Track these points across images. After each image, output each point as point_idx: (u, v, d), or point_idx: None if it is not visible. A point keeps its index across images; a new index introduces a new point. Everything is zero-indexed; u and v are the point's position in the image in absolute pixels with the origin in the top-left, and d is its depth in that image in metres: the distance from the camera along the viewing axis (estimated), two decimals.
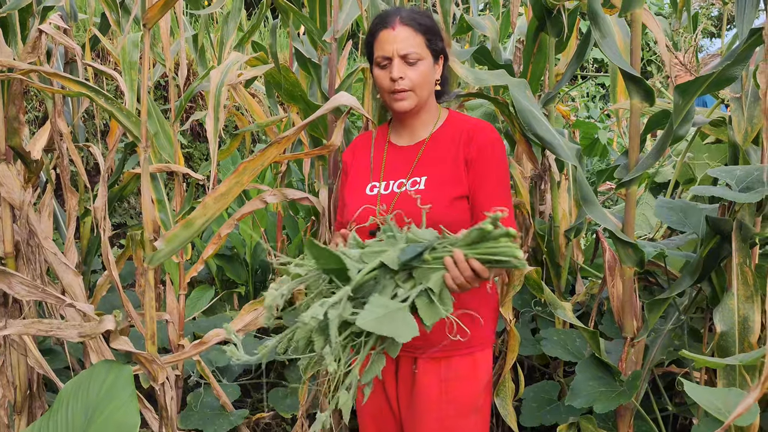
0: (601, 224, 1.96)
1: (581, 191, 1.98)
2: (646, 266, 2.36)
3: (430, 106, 1.87)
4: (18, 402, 1.80)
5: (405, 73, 1.75)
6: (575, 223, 2.48)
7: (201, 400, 2.87)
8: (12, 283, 1.55)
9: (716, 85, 1.84)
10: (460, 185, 1.75)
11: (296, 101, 2.36)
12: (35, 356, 1.75)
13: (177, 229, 1.59)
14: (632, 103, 1.94)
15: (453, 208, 1.73)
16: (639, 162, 1.96)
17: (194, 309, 3.70)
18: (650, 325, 2.00)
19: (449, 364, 1.82)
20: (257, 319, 1.84)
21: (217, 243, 2.57)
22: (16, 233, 1.74)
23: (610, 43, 1.93)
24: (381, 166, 1.88)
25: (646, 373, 2.05)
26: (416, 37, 1.76)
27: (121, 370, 1.40)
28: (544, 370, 2.78)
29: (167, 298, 2.84)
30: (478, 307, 1.87)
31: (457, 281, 1.37)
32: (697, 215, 2.10)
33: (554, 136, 2.03)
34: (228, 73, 2.24)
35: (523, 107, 2.03)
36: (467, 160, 1.76)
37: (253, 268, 4.06)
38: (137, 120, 1.51)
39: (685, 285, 1.98)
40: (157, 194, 2.76)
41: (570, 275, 2.79)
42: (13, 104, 1.61)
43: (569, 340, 2.40)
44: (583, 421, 2.09)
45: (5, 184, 1.67)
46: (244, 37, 2.70)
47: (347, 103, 1.75)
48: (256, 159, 1.59)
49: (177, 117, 2.70)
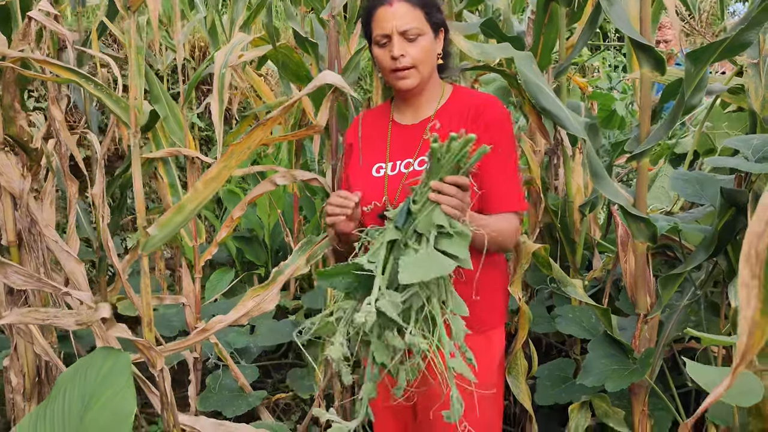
0: (611, 199, 1.91)
1: (591, 166, 1.92)
2: (664, 240, 2.31)
3: (433, 82, 1.82)
4: (27, 389, 1.83)
5: (405, 50, 1.70)
6: (590, 198, 2.42)
7: (220, 382, 2.89)
8: (8, 273, 1.57)
9: (730, 51, 1.75)
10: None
11: (302, 81, 2.34)
12: (41, 344, 1.77)
13: (169, 215, 1.59)
14: (642, 72, 1.87)
15: None
16: (650, 134, 1.89)
17: (214, 291, 3.74)
18: (664, 302, 1.94)
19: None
20: (260, 305, 1.83)
21: (230, 225, 2.58)
22: (18, 222, 1.76)
23: (618, 11, 1.86)
24: (386, 145, 1.85)
25: (660, 350, 2.00)
26: (414, 11, 1.71)
27: (118, 356, 1.41)
28: (561, 348, 2.74)
29: (183, 282, 2.86)
30: (489, 285, 1.84)
31: (452, 204, 1.36)
32: (713, 187, 2.02)
33: (561, 109, 1.97)
34: (232, 54, 2.22)
35: (529, 80, 1.97)
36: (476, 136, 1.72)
37: (273, 249, 4.08)
38: (126, 106, 1.50)
39: (699, 259, 1.92)
40: (169, 178, 2.78)
41: (587, 250, 2.74)
42: (7, 92, 1.61)
43: (584, 317, 2.35)
44: (596, 400, 2.06)
45: (4, 173, 1.69)
46: (249, 17, 2.67)
47: (332, 81, 1.71)
48: (243, 142, 1.57)
49: (186, 100, 2.69)
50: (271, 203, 3.81)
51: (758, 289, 0.59)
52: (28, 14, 1.57)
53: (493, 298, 1.87)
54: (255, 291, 1.92)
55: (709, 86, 2.08)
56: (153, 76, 2.58)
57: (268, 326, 3.19)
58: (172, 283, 3.98)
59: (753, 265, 0.59)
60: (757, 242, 0.60)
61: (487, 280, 1.83)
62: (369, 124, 1.91)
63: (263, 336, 3.13)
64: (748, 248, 0.60)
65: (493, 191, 1.73)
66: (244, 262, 4.15)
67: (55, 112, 1.77)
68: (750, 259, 0.60)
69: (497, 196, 1.74)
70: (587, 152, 1.95)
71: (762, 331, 0.60)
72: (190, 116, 4.41)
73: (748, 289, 0.60)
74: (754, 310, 0.59)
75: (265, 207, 3.88)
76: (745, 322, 0.60)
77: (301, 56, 2.47)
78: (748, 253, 0.60)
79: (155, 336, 1.71)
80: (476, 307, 1.79)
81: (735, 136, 2.25)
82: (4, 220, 1.76)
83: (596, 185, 1.92)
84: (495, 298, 1.88)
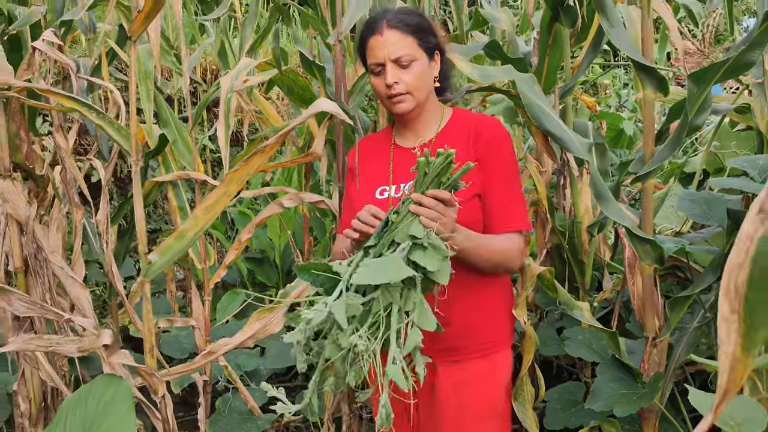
0: (616, 221, 1.89)
1: (595, 187, 1.91)
2: (673, 261, 2.28)
3: (431, 105, 1.83)
4: (33, 414, 1.84)
5: (399, 77, 1.71)
6: (598, 218, 2.40)
7: (229, 405, 2.89)
8: (11, 300, 1.58)
9: (733, 71, 1.74)
10: (472, 185, 1.70)
11: (307, 104, 2.34)
12: (47, 369, 1.79)
13: (170, 241, 1.60)
14: (645, 93, 1.85)
15: (467, 208, 1.69)
16: (654, 154, 1.87)
17: (225, 313, 3.74)
18: (672, 324, 1.91)
19: (466, 367, 1.78)
20: (267, 327, 1.83)
21: (239, 248, 2.58)
22: (25, 248, 1.78)
23: (619, 32, 1.85)
24: (389, 168, 1.85)
25: (670, 374, 1.97)
26: (406, 39, 1.72)
27: (119, 384, 1.41)
28: (572, 370, 2.71)
29: (193, 304, 2.87)
30: (494, 307, 1.82)
31: (430, 216, 1.38)
32: (721, 207, 2.00)
33: (565, 131, 1.96)
34: (238, 78, 2.24)
35: (530, 102, 1.96)
36: (477, 158, 1.72)
37: (284, 270, 4.08)
38: (128, 134, 1.52)
39: (708, 281, 1.89)
40: (178, 201, 2.80)
41: (597, 271, 2.71)
42: (13, 121, 1.64)
43: (594, 340, 2.32)
44: (605, 425, 2.02)
45: (11, 200, 1.71)
46: (256, 42, 2.70)
47: (327, 109, 1.72)
48: (242, 169, 1.58)
49: (195, 124, 2.72)
50: (282, 224, 3.82)
51: (738, 324, 0.58)
52: (33, 44, 1.60)
53: (498, 320, 1.85)
54: (261, 313, 1.92)
55: (716, 105, 2.06)
56: (162, 100, 2.61)
57: (278, 348, 3.19)
58: (184, 304, 3.99)
59: (732, 299, 0.58)
60: (737, 275, 0.58)
61: (491, 301, 1.81)
62: (370, 149, 1.92)
63: (273, 358, 3.13)
64: (728, 281, 0.59)
65: (495, 210, 1.72)
66: (256, 283, 4.15)
67: (60, 140, 1.80)
68: (729, 292, 0.58)
69: (500, 215, 1.73)
70: (592, 173, 1.94)
71: (744, 367, 0.59)
72: (200, 138, 4.45)
73: (728, 323, 0.58)
74: (734, 346, 0.58)
75: (276, 228, 3.89)
76: (725, 359, 0.58)
77: (308, 80, 2.49)
78: (728, 286, 0.58)
79: (160, 360, 1.71)
80: (480, 330, 1.78)
81: (743, 155, 2.23)
82: (10, 246, 1.78)
83: (601, 206, 1.90)
84: (500, 321, 1.86)
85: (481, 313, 1.78)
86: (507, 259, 1.73)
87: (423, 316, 1.34)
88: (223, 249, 4.59)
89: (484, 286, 1.77)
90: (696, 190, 2.38)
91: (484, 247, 1.64)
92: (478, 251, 1.62)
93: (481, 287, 1.77)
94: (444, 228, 1.40)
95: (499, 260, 1.69)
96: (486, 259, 1.66)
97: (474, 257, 1.62)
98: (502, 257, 1.70)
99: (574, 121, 2.48)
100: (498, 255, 1.68)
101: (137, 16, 1.44)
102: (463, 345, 1.76)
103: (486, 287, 1.79)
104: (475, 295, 1.75)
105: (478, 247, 1.61)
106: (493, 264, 1.69)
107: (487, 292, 1.81)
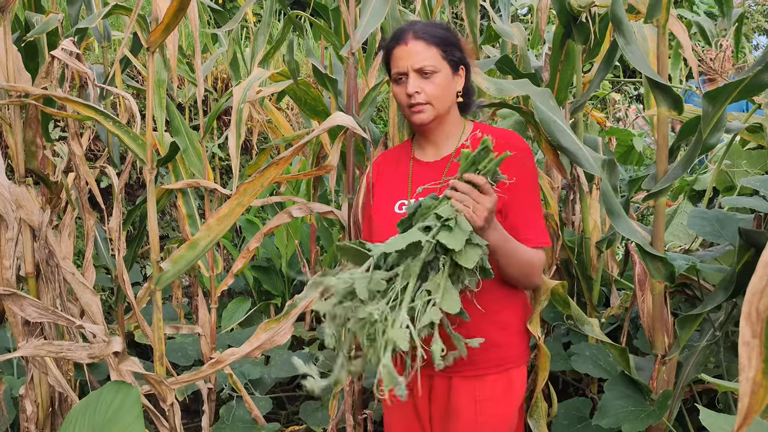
0: (627, 237, 1.89)
1: (607, 203, 1.91)
2: (683, 279, 2.27)
3: (452, 119, 1.82)
4: (40, 419, 1.85)
5: (420, 86, 1.71)
6: (607, 234, 2.39)
7: (233, 413, 2.88)
8: (23, 306, 1.59)
9: (748, 91, 1.74)
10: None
11: (319, 115, 2.36)
12: (55, 375, 1.79)
13: (182, 251, 1.60)
14: (659, 111, 1.86)
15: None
16: (667, 172, 1.87)
17: (231, 321, 3.75)
18: (682, 343, 1.91)
19: (484, 383, 1.76)
20: (274, 338, 1.83)
21: (246, 257, 2.59)
22: (37, 253, 1.79)
23: (634, 50, 1.86)
24: (408, 182, 1.85)
25: (679, 392, 1.96)
26: (430, 50, 1.72)
27: (128, 391, 1.41)
28: (577, 386, 2.70)
29: (199, 312, 2.87)
30: (514, 322, 1.82)
31: (461, 200, 1.41)
32: (732, 226, 2.00)
33: (578, 147, 1.96)
34: (250, 89, 2.25)
35: (545, 117, 1.97)
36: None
37: (290, 280, 4.09)
38: (143, 143, 1.53)
39: (718, 300, 1.88)
40: (187, 209, 2.81)
41: (605, 287, 2.70)
42: (29, 128, 1.66)
43: (601, 356, 2.31)
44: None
45: (25, 206, 1.72)
46: (268, 53, 2.71)
47: (343, 122, 1.73)
48: (256, 180, 1.59)
49: (206, 133, 2.73)
50: (289, 233, 3.82)
51: (759, 349, 0.58)
52: (51, 53, 1.61)
53: (517, 336, 1.83)
54: (268, 324, 1.92)
55: (728, 124, 2.06)
56: (174, 108, 2.63)
57: (283, 357, 3.18)
58: (190, 311, 4.00)
59: (754, 323, 0.58)
60: (758, 301, 0.58)
61: (512, 316, 1.81)
62: (389, 163, 1.92)
63: (277, 367, 3.12)
64: (749, 307, 0.59)
65: (519, 225, 1.71)
66: (261, 291, 4.16)
67: (75, 147, 1.81)
68: (750, 317, 0.58)
69: (524, 230, 1.71)
70: (603, 189, 1.94)
71: (765, 391, 0.59)
72: (210, 146, 4.47)
73: (749, 348, 0.58)
74: (755, 371, 0.58)
75: (283, 237, 3.90)
76: (746, 383, 0.58)
77: (319, 91, 2.50)
78: (749, 312, 0.58)
79: (168, 368, 1.71)
80: (501, 345, 1.77)
81: (754, 174, 2.23)
82: (23, 251, 1.79)
83: (612, 222, 1.90)
84: (519, 337, 1.84)
85: (502, 327, 1.78)
86: (532, 272, 1.72)
87: (448, 298, 1.34)
88: (230, 256, 4.60)
89: (508, 301, 1.77)
90: (706, 208, 2.38)
91: (515, 250, 1.62)
92: (508, 251, 1.60)
93: (505, 302, 1.77)
94: (477, 215, 1.41)
95: (525, 269, 1.69)
96: (514, 262, 1.64)
97: (503, 258, 1.60)
98: (528, 267, 1.69)
99: (585, 137, 2.48)
100: (525, 263, 1.67)
101: (156, 27, 1.46)
102: (483, 359, 1.74)
103: (509, 302, 1.79)
104: (498, 309, 1.75)
105: (509, 246, 1.60)
106: (520, 271, 1.68)
107: (510, 308, 1.80)
